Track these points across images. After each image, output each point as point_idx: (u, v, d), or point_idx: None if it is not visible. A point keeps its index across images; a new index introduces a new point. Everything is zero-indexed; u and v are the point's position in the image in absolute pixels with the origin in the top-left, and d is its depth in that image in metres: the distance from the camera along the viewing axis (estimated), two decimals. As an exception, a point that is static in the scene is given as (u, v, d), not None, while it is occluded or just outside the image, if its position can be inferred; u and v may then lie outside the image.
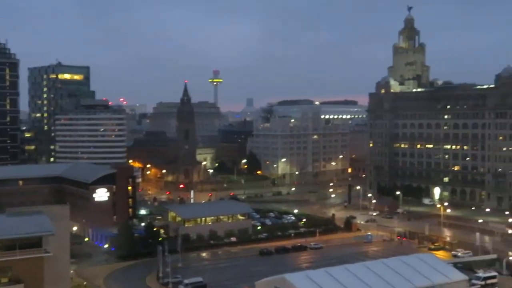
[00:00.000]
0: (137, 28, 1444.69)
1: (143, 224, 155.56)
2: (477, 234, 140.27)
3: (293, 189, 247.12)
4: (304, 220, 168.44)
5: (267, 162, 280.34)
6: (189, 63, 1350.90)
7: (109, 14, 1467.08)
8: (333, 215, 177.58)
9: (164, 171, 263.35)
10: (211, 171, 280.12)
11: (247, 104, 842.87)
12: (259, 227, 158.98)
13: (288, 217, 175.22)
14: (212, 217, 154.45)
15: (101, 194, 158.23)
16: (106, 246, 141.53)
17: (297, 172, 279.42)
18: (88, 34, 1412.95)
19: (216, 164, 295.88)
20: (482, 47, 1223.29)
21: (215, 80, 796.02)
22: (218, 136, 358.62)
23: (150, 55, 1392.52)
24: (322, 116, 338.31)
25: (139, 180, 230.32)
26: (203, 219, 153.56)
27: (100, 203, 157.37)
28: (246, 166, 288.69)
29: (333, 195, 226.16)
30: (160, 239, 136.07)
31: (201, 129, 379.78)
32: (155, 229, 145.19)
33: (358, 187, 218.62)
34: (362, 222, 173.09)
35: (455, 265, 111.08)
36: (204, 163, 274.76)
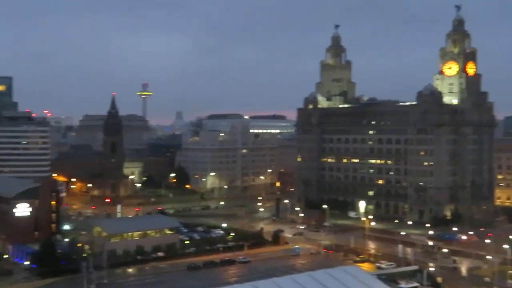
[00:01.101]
0: (64, 38, 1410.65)
1: (67, 239, 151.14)
2: (400, 246, 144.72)
3: (222, 203, 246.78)
4: (232, 234, 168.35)
5: (196, 176, 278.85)
6: (118, 75, 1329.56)
7: (34, 24, 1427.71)
8: (262, 228, 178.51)
9: (90, 185, 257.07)
10: (138, 185, 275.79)
11: (176, 117, 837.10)
12: (187, 242, 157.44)
13: (217, 231, 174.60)
14: (139, 232, 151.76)
15: (23, 209, 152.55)
16: (27, 263, 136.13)
17: (226, 186, 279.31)
18: (11, 44, 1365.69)
19: (144, 178, 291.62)
20: (405, 65, 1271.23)
21: (144, 93, 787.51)
22: (146, 150, 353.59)
23: (76, 67, 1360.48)
24: (251, 131, 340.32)
25: (64, 194, 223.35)
26: (130, 234, 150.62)
27: (21, 218, 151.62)
28: (174, 180, 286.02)
29: (261, 209, 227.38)
30: (84, 255, 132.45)
31: (129, 143, 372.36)
32: (79, 244, 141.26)
33: (286, 201, 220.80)
34: (290, 236, 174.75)
35: (379, 277, 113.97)
36: (131, 177, 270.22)
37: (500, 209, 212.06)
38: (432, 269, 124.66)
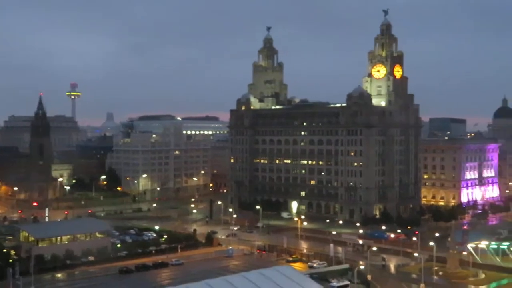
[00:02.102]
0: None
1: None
2: (331, 245, 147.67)
3: (154, 205, 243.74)
4: (165, 236, 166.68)
5: (128, 178, 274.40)
6: (45, 75, 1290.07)
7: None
8: (195, 230, 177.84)
9: (16, 188, 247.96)
10: (68, 188, 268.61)
11: (107, 118, 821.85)
12: (118, 245, 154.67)
13: (149, 234, 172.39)
14: (69, 236, 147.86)
15: None
16: None
17: (158, 188, 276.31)
18: None
19: (74, 181, 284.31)
20: (336, 68, 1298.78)
21: (72, 93, 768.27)
22: (76, 152, 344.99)
23: (1, 66, 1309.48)
24: (184, 132, 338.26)
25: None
26: (59, 238, 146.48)
27: None
28: (105, 183, 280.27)
29: (194, 211, 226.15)
30: (10, 260, 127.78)
31: (57, 144, 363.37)
32: (5, 250, 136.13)
33: (219, 202, 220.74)
34: (223, 237, 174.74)
35: (311, 275, 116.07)
36: (60, 179, 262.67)
37: (426, 208, 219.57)
38: (362, 267, 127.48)
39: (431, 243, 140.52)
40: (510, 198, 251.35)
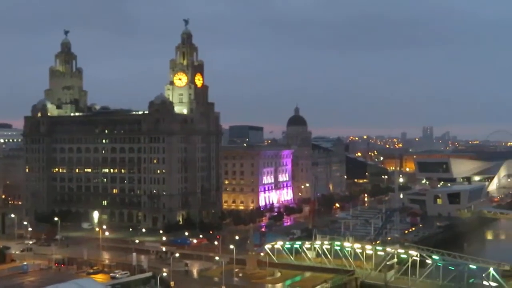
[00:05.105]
0: None
1: None
2: (134, 254, 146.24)
3: None
4: None
5: None
6: None
7: None
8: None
9: None
10: None
11: None
12: None
13: None
14: None
15: None
16: None
17: None
18: None
19: None
20: (139, 75, 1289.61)
21: None
22: None
23: None
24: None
25: None
26: None
27: None
28: None
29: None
30: None
31: None
32: None
33: (13, 215, 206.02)
34: (17, 252, 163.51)
35: (113, 286, 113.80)
36: None
37: (227, 212, 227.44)
38: (165, 274, 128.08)
39: (232, 246, 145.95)
40: (302, 201, 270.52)
